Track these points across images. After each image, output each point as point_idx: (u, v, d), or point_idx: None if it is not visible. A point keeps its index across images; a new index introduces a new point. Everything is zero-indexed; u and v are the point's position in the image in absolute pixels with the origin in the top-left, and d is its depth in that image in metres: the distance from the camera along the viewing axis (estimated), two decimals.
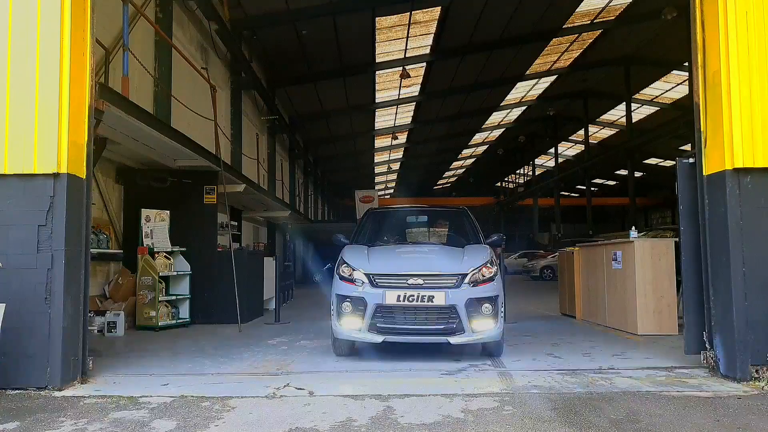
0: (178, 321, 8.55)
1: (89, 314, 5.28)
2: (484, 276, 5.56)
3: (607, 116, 31.59)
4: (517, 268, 27.55)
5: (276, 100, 19.67)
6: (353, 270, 5.67)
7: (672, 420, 3.58)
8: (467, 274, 5.50)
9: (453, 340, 5.35)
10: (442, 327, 5.37)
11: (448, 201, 43.74)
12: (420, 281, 5.40)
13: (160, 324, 8.13)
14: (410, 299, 5.33)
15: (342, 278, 5.72)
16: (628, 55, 23.34)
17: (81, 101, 4.73)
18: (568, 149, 40.09)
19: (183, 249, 8.86)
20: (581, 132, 33.43)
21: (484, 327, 5.43)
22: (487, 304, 5.45)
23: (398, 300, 5.34)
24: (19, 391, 4.36)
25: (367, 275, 5.54)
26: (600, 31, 20.39)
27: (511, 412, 3.76)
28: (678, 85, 24.91)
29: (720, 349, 4.79)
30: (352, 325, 5.50)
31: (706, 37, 4.94)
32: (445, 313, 5.36)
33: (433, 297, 5.33)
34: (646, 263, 7.36)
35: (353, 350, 5.97)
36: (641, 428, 3.43)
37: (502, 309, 5.68)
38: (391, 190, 51.76)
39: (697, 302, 5.15)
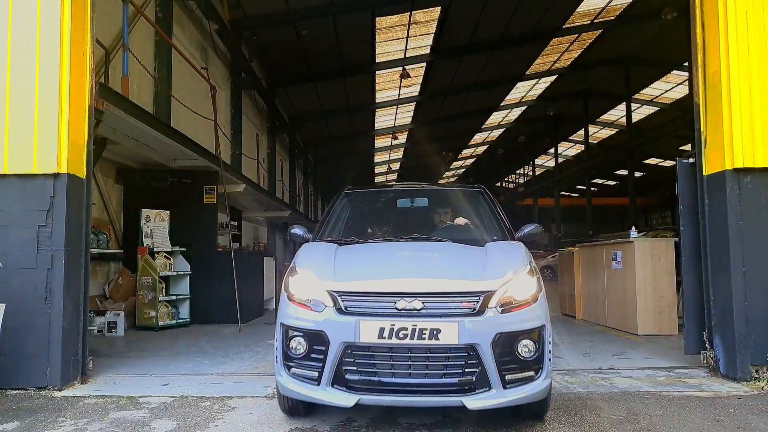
0: (178, 321, 8.56)
1: (89, 314, 5.28)
2: (521, 292, 3.37)
3: (607, 116, 31.57)
4: None
5: (276, 100, 19.67)
6: (310, 283, 3.45)
7: (672, 420, 3.58)
8: (495, 290, 3.28)
9: (471, 403, 3.13)
10: (455, 381, 3.16)
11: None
12: (418, 303, 3.20)
13: (160, 324, 8.13)
14: (401, 335, 3.12)
15: (291, 298, 3.48)
16: (628, 55, 23.34)
17: (81, 101, 4.73)
18: (568, 149, 40.09)
19: (183, 249, 8.87)
20: (581, 132, 33.45)
21: (522, 379, 3.25)
22: (527, 341, 3.27)
23: (381, 336, 3.14)
24: (19, 391, 4.37)
25: (332, 293, 3.30)
26: (600, 31, 20.39)
27: (510, 412, 3.75)
28: (678, 85, 24.90)
29: (720, 349, 4.80)
30: (305, 377, 3.30)
31: (706, 37, 4.95)
32: (460, 358, 3.17)
33: (438, 330, 3.13)
34: (646, 263, 7.37)
35: (311, 408, 3.78)
36: (641, 428, 3.43)
37: (550, 347, 3.39)
38: None
39: (697, 302, 5.15)
